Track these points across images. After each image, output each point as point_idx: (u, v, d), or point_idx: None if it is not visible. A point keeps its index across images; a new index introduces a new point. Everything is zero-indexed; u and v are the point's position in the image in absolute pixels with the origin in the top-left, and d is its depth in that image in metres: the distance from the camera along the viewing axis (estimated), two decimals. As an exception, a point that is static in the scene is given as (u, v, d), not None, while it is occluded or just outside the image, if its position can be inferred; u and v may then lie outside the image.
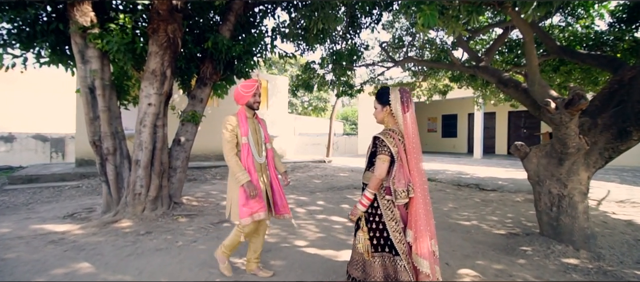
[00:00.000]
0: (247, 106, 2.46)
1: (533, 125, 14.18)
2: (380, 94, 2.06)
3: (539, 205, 3.50)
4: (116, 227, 3.85)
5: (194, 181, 6.97)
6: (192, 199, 5.16)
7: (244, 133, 2.36)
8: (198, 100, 4.95)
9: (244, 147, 2.35)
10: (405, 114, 1.93)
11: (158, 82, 4.16)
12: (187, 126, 4.86)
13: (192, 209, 4.59)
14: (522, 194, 6.10)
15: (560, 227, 3.34)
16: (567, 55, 4.65)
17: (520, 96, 4.42)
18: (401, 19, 7.97)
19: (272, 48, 5.86)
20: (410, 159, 1.92)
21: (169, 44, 4.17)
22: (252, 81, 2.45)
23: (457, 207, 5.19)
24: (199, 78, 5.01)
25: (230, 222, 4.06)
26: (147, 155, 4.14)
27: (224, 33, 4.81)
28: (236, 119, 2.38)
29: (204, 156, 9.93)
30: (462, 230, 4.00)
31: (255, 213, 2.32)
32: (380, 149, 1.91)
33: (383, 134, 1.96)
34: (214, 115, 10.36)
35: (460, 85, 8.01)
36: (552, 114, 2.85)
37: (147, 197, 4.24)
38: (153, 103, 4.15)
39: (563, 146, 3.04)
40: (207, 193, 5.77)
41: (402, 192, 1.88)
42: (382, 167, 1.90)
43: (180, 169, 4.75)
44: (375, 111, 2.09)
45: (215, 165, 8.90)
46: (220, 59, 4.82)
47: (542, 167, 3.38)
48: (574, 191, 3.27)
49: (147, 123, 4.14)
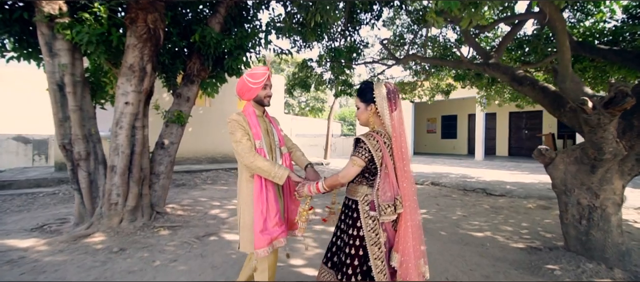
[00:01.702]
0: (256, 102, 1.93)
1: (534, 126, 13.88)
2: (362, 91, 1.70)
3: (565, 217, 3.10)
4: (87, 242, 3.40)
5: (183, 186, 6.51)
6: (178, 208, 4.70)
7: (256, 136, 1.84)
8: (184, 99, 4.50)
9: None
10: (392, 113, 1.62)
11: (136, 78, 3.71)
12: (171, 127, 4.42)
13: (177, 220, 4.15)
14: (533, 200, 5.72)
15: (590, 243, 2.95)
16: (585, 51, 4.28)
17: (537, 95, 4.05)
18: (402, 15, 7.62)
19: (266, 43, 5.44)
20: (398, 166, 1.62)
21: (150, 36, 3.73)
22: (262, 69, 1.90)
23: (466, 215, 4.80)
24: (186, 75, 4.57)
25: (217, 236, 3.62)
26: (124, 160, 3.69)
27: (214, 26, 4.38)
28: (244, 118, 1.85)
29: (195, 159, 9.46)
30: (476, 243, 3.61)
31: (276, 240, 1.82)
32: (355, 151, 1.62)
33: (366, 135, 1.64)
34: (206, 115, 9.91)
35: (464, 85, 7.66)
36: (588, 115, 2.45)
37: (125, 208, 3.79)
38: (131, 102, 3.70)
39: (598, 152, 2.65)
40: (195, 200, 5.32)
41: (388, 207, 1.58)
42: (349, 170, 1.62)
43: (163, 175, 4.30)
44: (358, 111, 1.75)
45: (206, 168, 8.44)
46: (209, 54, 4.39)
47: (571, 174, 2.99)
48: (606, 201, 2.88)
49: (124, 124, 3.69)
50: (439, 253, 3.27)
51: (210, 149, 9.87)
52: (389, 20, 7.83)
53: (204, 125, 9.72)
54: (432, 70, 7.90)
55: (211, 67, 4.70)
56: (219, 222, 4.16)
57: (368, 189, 1.64)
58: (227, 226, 3.99)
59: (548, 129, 13.10)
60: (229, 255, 3.10)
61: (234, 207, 4.95)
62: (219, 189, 6.35)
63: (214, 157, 9.96)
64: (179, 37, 4.40)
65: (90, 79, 4.12)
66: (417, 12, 6.95)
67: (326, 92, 19.78)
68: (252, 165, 1.76)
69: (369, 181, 1.65)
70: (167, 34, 4.26)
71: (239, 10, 4.94)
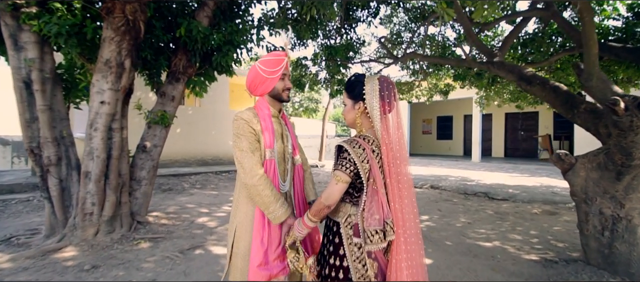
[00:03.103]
0: (272, 97, 1.51)
1: (530, 127, 13.78)
2: (351, 85, 1.38)
3: (585, 228, 2.84)
4: (57, 257, 3.03)
5: (169, 191, 6.13)
6: (162, 216, 4.34)
7: (269, 143, 1.43)
8: (169, 99, 4.15)
9: (267, 165, 1.42)
10: (385, 115, 1.29)
11: (113, 74, 3.35)
12: (154, 129, 4.06)
13: (159, 230, 3.79)
14: (538, 205, 5.50)
15: (613, 256, 2.69)
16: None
17: (548, 95, 3.79)
18: (400, 12, 7.38)
19: (258, 40, 5.12)
20: (391, 182, 1.27)
21: (128, 29, 3.38)
22: (279, 55, 1.48)
23: (470, 222, 4.53)
24: (170, 72, 4.22)
25: (203, 249, 3.28)
26: (100, 165, 3.33)
27: (201, 20, 4.04)
28: (256, 118, 1.44)
29: (184, 161, 9.06)
30: (486, 254, 3.33)
31: (275, 277, 1.44)
32: (339, 163, 1.27)
33: (349, 142, 1.29)
34: (195, 116, 9.52)
35: (463, 85, 7.43)
36: (619, 117, 2.19)
37: (101, 218, 3.43)
38: (107, 101, 3.34)
39: (626, 157, 2.39)
40: (182, 207, 4.96)
41: (376, 233, 1.23)
42: (333, 190, 1.26)
43: (145, 181, 3.94)
44: (345, 109, 1.42)
45: (195, 171, 8.06)
46: (196, 49, 4.05)
47: (593, 182, 2.73)
48: (632, 211, 2.63)
49: (100, 126, 3.33)
50: (448, 267, 2.99)
51: (200, 151, 9.48)
52: (387, 18, 7.59)
53: (193, 126, 9.33)
54: (429, 71, 7.67)
55: (198, 64, 4.36)
56: (206, 232, 3.81)
57: (352, 209, 1.32)
58: (215, 237, 3.65)
59: (544, 130, 13.00)
60: (216, 272, 2.77)
61: (223, 214, 4.61)
62: (208, 194, 5.99)
63: (204, 159, 9.56)
64: (163, 31, 4.04)
65: (63, 76, 3.74)
66: (415, 9, 6.71)
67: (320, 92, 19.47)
68: (253, 188, 1.35)
69: (354, 198, 1.32)
70: (149, 27, 3.91)
71: (229, 4, 4.60)
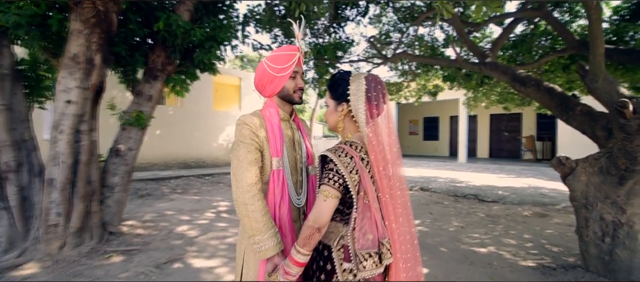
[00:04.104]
0: (281, 98, 1.30)
1: (514, 128, 14.01)
2: (334, 84, 1.22)
3: (585, 233, 2.75)
4: (15, 275, 2.70)
5: (147, 196, 5.76)
6: (138, 225, 4.02)
7: (276, 151, 1.23)
8: (145, 98, 3.84)
9: (275, 177, 1.22)
10: (374, 120, 1.13)
11: (82, 71, 3.04)
12: (129, 131, 3.74)
13: (134, 242, 3.48)
14: (528, 207, 5.47)
15: (614, 263, 2.61)
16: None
17: (542, 97, 3.72)
18: (389, 12, 7.28)
19: (244, 37, 4.87)
20: (384, 196, 1.12)
21: (99, 21, 3.07)
22: (290, 49, 1.28)
23: (463, 226, 4.43)
24: (148, 69, 3.92)
25: (182, 263, 3.01)
26: (66, 172, 3.01)
27: (182, 13, 3.76)
28: (262, 123, 1.25)
29: (164, 164, 8.64)
30: (482, 261, 3.21)
31: None
32: (325, 177, 1.10)
33: (334, 151, 1.12)
34: (176, 116, 9.12)
35: (452, 86, 7.40)
36: (627, 120, 2.08)
37: (68, 230, 3.10)
38: (74, 100, 3.02)
39: (631, 162, 2.30)
40: (160, 214, 4.63)
41: (369, 256, 1.08)
42: (321, 210, 1.07)
43: (118, 187, 3.62)
44: (327, 111, 1.26)
45: (176, 175, 7.69)
46: (176, 45, 3.76)
47: (594, 186, 2.64)
48: (634, 217, 2.54)
49: (65, 128, 3.00)
50: (445, 276, 2.84)
51: (182, 153, 9.08)
52: (376, 17, 7.47)
53: (174, 127, 8.93)
54: (418, 71, 7.60)
55: (179, 61, 4.08)
56: (186, 242, 3.53)
57: (344, 229, 1.13)
58: (196, 248, 3.38)
59: (528, 131, 13.23)
60: (196, 290, 2.52)
61: (206, 222, 4.33)
62: (189, 200, 5.67)
63: (186, 162, 9.17)
64: (139, 25, 3.74)
65: (25, 73, 3.39)
66: (405, 9, 6.63)
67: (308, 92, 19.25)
68: (243, 206, 1.14)
69: (345, 216, 1.15)
70: (123, 20, 3.61)
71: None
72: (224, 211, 4.94)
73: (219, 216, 4.67)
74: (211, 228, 4.05)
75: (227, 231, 3.97)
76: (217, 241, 3.61)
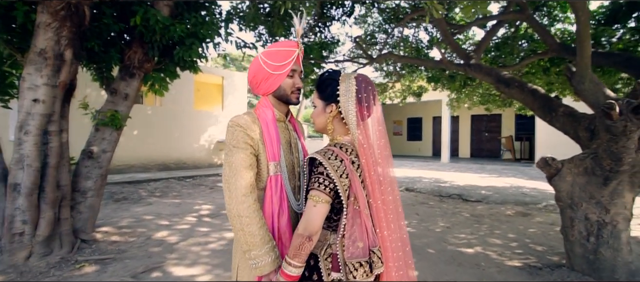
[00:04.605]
0: (277, 97, 1.20)
1: (493, 129, 14.39)
2: (322, 83, 1.16)
3: (570, 233, 2.78)
4: (-27, 290, 2.46)
5: (123, 200, 5.48)
6: (113, 232, 3.79)
7: (273, 155, 1.12)
8: (121, 97, 3.63)
9: (272, 183, 1.12)
10: (364, 121, 1.09)
11: (50, 67, 2.82)
12: (103, 132, 3.52)
13: (109, 250, 3.27)
14: (510, 206, 5.57)
15: (598, 262, 2.65)
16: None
17: (526, 98, 3.78)
18: (374, 13, 7.29)
19: (227, 34, 4.71)
20: (375, 202, 1.06)
21: (69, 14, 2.87)
22: (288, 44, 1.16)
23: (449, 226, 4.44)
24: (124, 66, 3.70)
25: (161, 271, 2.84)
26: (32, 176, 2.78)
27: (161, 8, 3.58)
28: (256, 124, 1.13)
29: (142, 167, 8.29)
30: (470, 262, 3.21)
31: None
32: (314, 181, 1.03)
33: (323, 153, 1.06)
34: (155, 116, 8.79)
35: (436, 87, 7.48)
36: (613, 121, 2.10)
37: (35, 238, 2.87)
38: (41, 99, 2.79)
39: (615, 162, 2.33)
40: (138, 219, 4.40)
41: (360, 266, 1.03)
42: (312, 217, 1.00)
43: (92, 192, 3.39)
44: (315, 112, 1.19)
45: (155, 178, 7.39)
46: (154, 41, 3.58)
47: (579, 187, 2.67)
48: (617, 216, 2.59)
49: (32, 128, 2.77)
50: (434, 279, 2.81)
51: (161, 154, 8.75)
52: (361, 17, 7.46)
53: (153, 128, 8.59)
54: (403, 72, 7.65)
55: (158, 58, 3.88)
56: (165, 249, 3.35)
57: (332, 236, 1.08)
58: (177, 255, 3.21)
59: (507, 131, 13.62)
60: (176, 301, 2.36)
61: (186, 227, 4.14)
62: (169, 203, 5.44)
63: (166, 164, 8.84)
64: (114, 19, 3.52)
65: (-14, 68, 3.12)
66: (389, 10, 6.65)
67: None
68: (237, 219, 1.03)
69: (333, 223, 1.09)
70: (97, 14, 3.39)
71: (194, -7, 4.15)
72: (206, 215, 4.75)
73: (201, 220, 4.49)
74: (192, 233, 3.87)
75: (209, 236, 3.81)
76: (199, 247, 3.44)
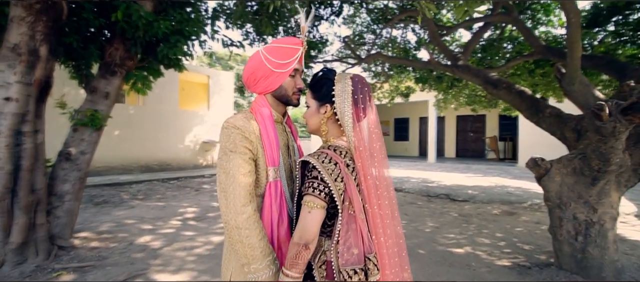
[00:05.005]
0: (277, 98, 1.12)
1: (478, 129, 14.68)
2: (317, 83, 1.11)
3: (559, 233, 2.81)
4: (-64, 304, 2.27)
5: (104, 204, 5.26)
6: (93, 237, 3.61)
7: (273, 159, 1.04)
8: (101, 96, 3.46)
9: (272, 190, 1.04)
10: (359, 123, 1.05)
11: (24, 64, 2.65)
12: (82, 132, 3.35)
13: (88, 256, 3.10)
14: (497, 205, 5.66)
15: (586, 261, 2.69)
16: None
17: (513, 99, 3.83)
18: (362, 13, 7.30)
19: (213, 32, 4.58)
20: (371, 207, 1.03)
21: (46, 7, 2.71)
22: (293, 42, 1.09)
23: (438, 226, 4.46)
24: (104, 64, 3.53)
25: (144, 279, 2.71)
26: (4, 179, 2.60)
27: (143, 3, 3.42)
28: (255, 126, 1.04)
29: (123, 168, 8.00)
30: (461, 262, 3.22)
31: None
32: (308, 186, 0.98)
33: (317, 156, 1.02)
34: (138, 116, 8.51)
35: (423, 87, 7.54)
36: (603, 122, 2.12)
37: (7, 246, 2.69)
38: (14, 97, 2.62)
39: (604, 163, 2.36)
40: (119, 224, 4.22)
41: (355, 273, 0.99)
42: (307, 224, 0.95)
43: (69, 195, 3.22)
44: (307, 112, 1.14)
45: (137, 180, 7.14)
46: (137, 38, 3.42)
47: (567, 187, 2.70)
48: (604, 216, 2.64)
49: (4, 129, 2.59)
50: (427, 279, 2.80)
51: (144, 156, 8.47)
52: (349, 17, 7.45)
53: (135, 128, 8.31)
54: (391, 73, 7.68)
55: (141, 55, 3.73)
56: (148, 255, 3.21)
57: (326, 243, 1.04)
58: (161, 261, 3.08)
59: (491, 132, 13.91)
60: (161, 310, 2.25)
61: (171, 231, 4.00)
62: (152, 206, 5.25)
63: (149, 165, 8.56)
64: (94, 14, 3.36)
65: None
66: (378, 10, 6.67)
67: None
68: (235, 231, 0.94)
69: (327, 229, 1.05)
70: (75, 8, 3.22)
71: (179, -12, 4.01)
72: (192, 218, 4.61)
73: (186, 223, 4.34)
74: (177, 238, 3.73)
75: (195, 240, 3.68)
76: (184, 252, 3.32)
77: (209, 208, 5.22)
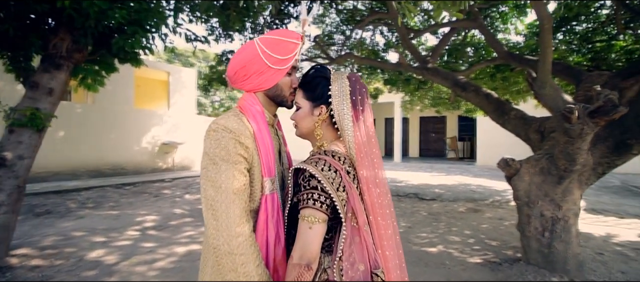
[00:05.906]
0: (270, 97, 0.98)
1: (440, 130, 15.39)
2: (310, 82, 1.01)
3: (527, 230, 2.93)
4: None
5: (47, 214, 4.65)
6: (34, 254, 3.15)
7: (269, 169, 0.90)
8: (44, 92, 3.03)
9: (268, 205, 0.88)
10: (357, 122, 0.97)
11: (-59, 52, 2.20)
12: (20, 134, 2.90)
13: (29, 276, 2.68)
14: (462, 203, 5.89)
15: (552, 255, 2.83)
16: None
17: (481, 101, 3.98)
18: (332, 13, 7.29)
19: (176, 24, 4.24)
20: (375, 218, 0.95)
21: (-30, -15, 2.28)
22: (291, 36, 0.95)
23: (410, 226, 4.52)
24: (48, 56, 3.11)
25: (100, 301, 2.38)
26: None
27: (97, -10, 3.05)
28: (247, 127, 0.89)
29: (70, 173, 7.21)
30: (435, 262, 3.27)
31: None
32: (307, 198, 0.87)
33: (315, 163, 0.91)
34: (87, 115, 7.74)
35: (391, 89, 7.69)
36: (571, 124, 2.22)
37: None
38: None
39: (570, 162, 2.48)
40: (66, 237, 3.73)
41: None
42: (309, 240, 0.85)
43: (5, 207, 2.77)
44: (298, 113, 1.03)
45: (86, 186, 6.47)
46: (88, 28, 3.04)
47: (536, 186, 2.82)
48: (568, 212, 2.79)
49: None
50: None
51: (93, 159, 7.71)
52: (319, 17, 7.39)
53: (83, 128, 7.55)
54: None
55: (92, 47, 3.34)
56: (102, 272, 2.85)
57: (326, 259, 0.94)
58: (117, 278, 2.74)
59: (451, 132, 14.65)
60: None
61: (128, 243, 3.61)
62: (105, 216, 4.74)
63: (100, 169, 7.81)
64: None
65: None
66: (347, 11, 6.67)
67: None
68: (228, 257, 0.79)
69: (325, 243, 0.95)
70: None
71: (137, -25, 3.65)
72: (151, 227, 4.22)
73: (145, 234, 3.96)
74: (135, 251, 3.37)
75: (156, 252, 3.35)
76: (144, 266, 3.00)
77: (171, 215, 4.83)
